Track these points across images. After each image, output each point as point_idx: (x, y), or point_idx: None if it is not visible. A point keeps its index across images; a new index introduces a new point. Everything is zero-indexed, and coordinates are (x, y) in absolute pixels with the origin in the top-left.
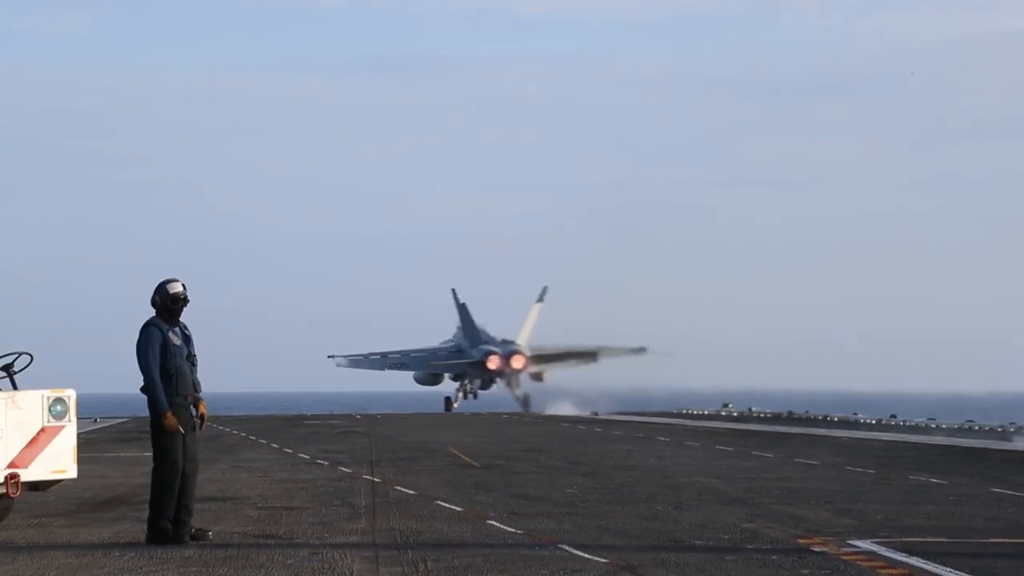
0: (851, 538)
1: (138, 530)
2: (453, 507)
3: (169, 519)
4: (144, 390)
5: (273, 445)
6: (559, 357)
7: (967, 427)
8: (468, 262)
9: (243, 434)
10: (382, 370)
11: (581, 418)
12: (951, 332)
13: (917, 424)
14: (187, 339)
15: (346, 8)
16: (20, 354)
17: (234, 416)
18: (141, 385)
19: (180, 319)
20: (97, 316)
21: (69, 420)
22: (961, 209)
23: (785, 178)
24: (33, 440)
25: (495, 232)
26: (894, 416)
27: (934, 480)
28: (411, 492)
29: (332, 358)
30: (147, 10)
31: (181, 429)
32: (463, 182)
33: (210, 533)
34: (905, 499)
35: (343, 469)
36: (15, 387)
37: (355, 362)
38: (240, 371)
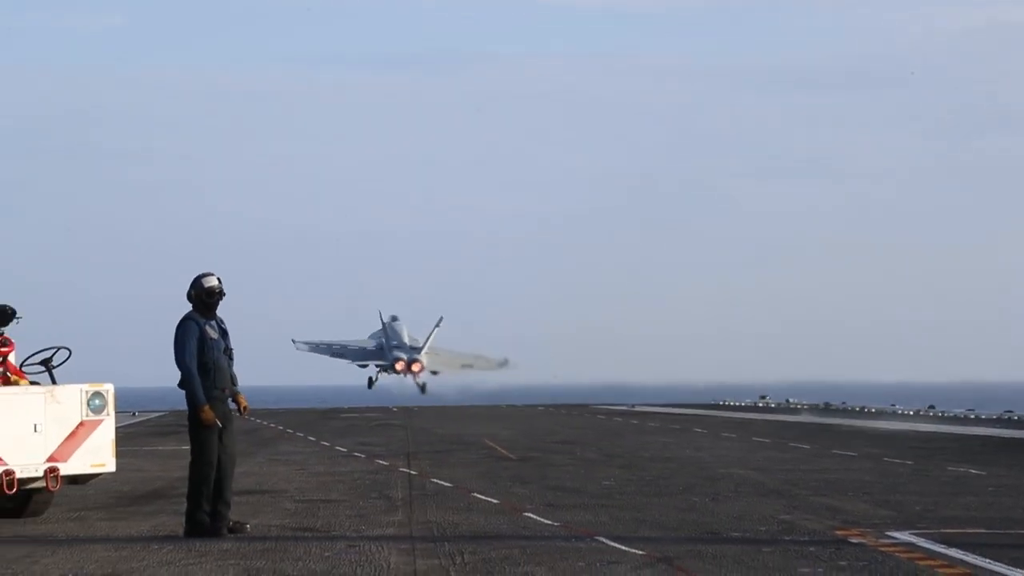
0: (889, 529)
1: (176, 523)
2: (489, 499)
3: (207, 512)
4: (182, 384)
5: (310, 438)
6: (451, 363)
7: (1006, 417)
8: (468, 262)
9: (280, 427)
10: (332, 358)
11: (617, 410)
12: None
13: (956, 415)
14: (224, 333)
15: (346, 7)
16: (58, 348)
17: (271, 409)
18: (179, 379)
19: (216, 313)
20: (134, 312)
21: (107, 414)
22: (993, 199)
23: (817, 168)
24: (72, 434)
25: (495, 232)
26: (932, 407)
27: (973, 471)
28: (447, 484)
29: (295, 343)
30: (147, 8)
31: (218, 423)
32: (465, 181)
33: (248, 526)
34: (943, 490)
35: (380, 462)
36: (54, 381)
37: (313, 348)
38: (267, 366)
